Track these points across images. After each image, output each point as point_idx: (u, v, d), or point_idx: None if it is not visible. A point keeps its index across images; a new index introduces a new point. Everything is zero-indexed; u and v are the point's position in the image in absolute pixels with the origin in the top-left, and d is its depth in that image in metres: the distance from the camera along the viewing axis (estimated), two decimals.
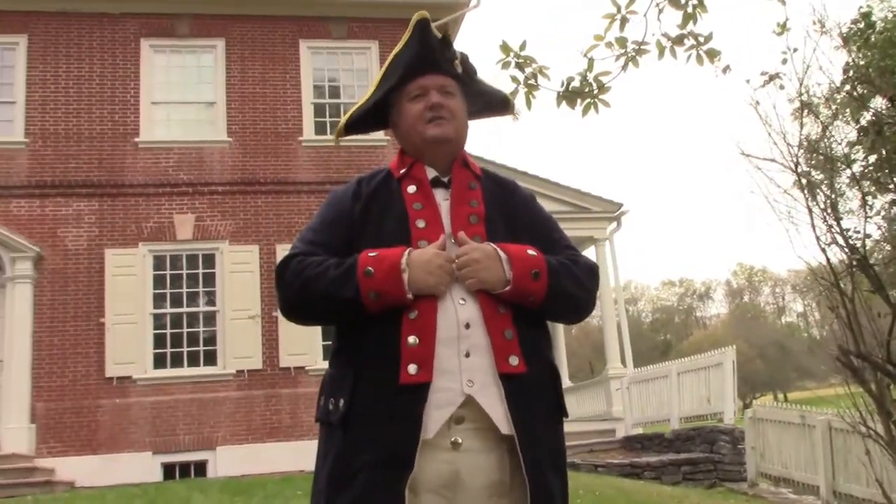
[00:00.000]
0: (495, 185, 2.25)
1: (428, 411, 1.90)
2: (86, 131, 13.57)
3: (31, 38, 13.77)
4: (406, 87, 2.22)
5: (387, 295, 1.95)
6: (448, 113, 2.18)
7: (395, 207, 2.12)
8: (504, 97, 2.44)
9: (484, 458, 1.95)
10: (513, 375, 1.95)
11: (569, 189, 17.46)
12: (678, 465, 12.13)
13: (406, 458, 1.87)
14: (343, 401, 1.97)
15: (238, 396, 13.07)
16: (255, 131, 14.10)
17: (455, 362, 1.94)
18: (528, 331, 2.03)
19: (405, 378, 1.91)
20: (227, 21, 14.42)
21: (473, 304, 1.99)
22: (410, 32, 2.23)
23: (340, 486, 1.93)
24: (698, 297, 72.61)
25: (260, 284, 13.48)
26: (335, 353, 2.12)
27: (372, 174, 2.27)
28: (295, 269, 2.05)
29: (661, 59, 4.61)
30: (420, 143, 2.19)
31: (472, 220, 2.10)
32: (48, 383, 12.61)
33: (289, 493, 8.44)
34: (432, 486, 1.92)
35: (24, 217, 13.10)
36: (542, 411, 2.01)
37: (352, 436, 1.94)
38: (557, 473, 2.01)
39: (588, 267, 2.17)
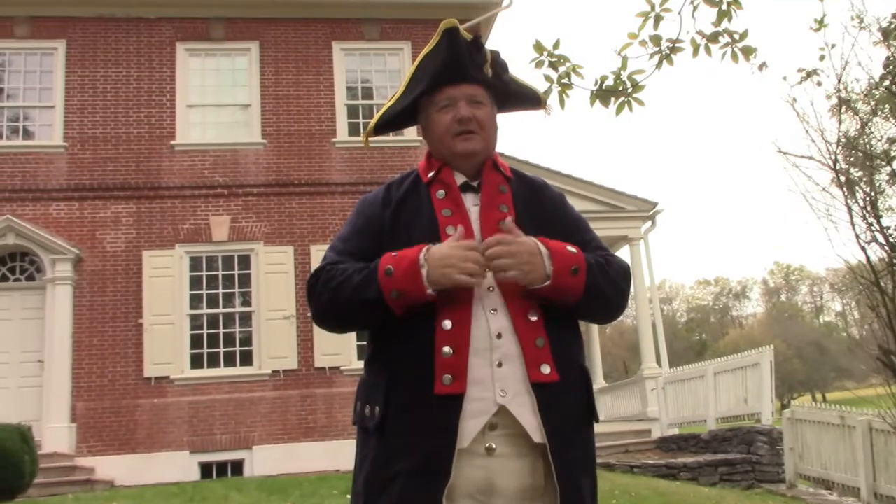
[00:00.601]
0: (525, 186, 2.24)
1: (463, 421, 1.91)
2: (123, 135, 13.76)
3: (70, 43, 13.99)
4: (434, 97, 2.21)
5: (408, 293, 1.95)
6: (476, 125, 2.17)
7: (425, 214, 2.12)
8: (535, 93, 2.42)
9: (517, 463, 1.96)
10: (545, 384, 1.96)
11: (603, 188, 17.36)
12: (715, 466, 12.01)
13: (443, 466, 1.89)
14: (378, 408, 1.99)
15: (274, 396, 13.17)
16: (289, 133, 14.20)
17: (487, 372, 1.95)
18: (559, 337, 2.03)
19: (440, 389, 1.92)
20: (261, 24, 14.55)
21: (504, 313, 2.00)
22: (438, 39, 2.21)
23: (377, 492, 1.96)
24: (734, 297, 71.91)
25: (295, 285, 13.57)
26: (370, 359, 2.13)
27: (401, 178, 2.28)
28: (324, 280, 2.07)
29: (695, 56, 4.57)
30: (448, 154, 2.19)
31: (503, 226, 2.08)
32: (88, 383, 12.80)
33: (324, 492, 8.49)
34: (468, 492, 1.94)
35: (64, 220, 13.31)
36: (573, 417, 2.01)
37: (387, 443, 1.96)
38: (587, 477, 2.03)
39: (621, 267, 2.17)
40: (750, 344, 38.53)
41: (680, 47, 4.47)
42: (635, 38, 4.40)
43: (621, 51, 4.37)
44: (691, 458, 12.57)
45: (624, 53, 4.38)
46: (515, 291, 2.01)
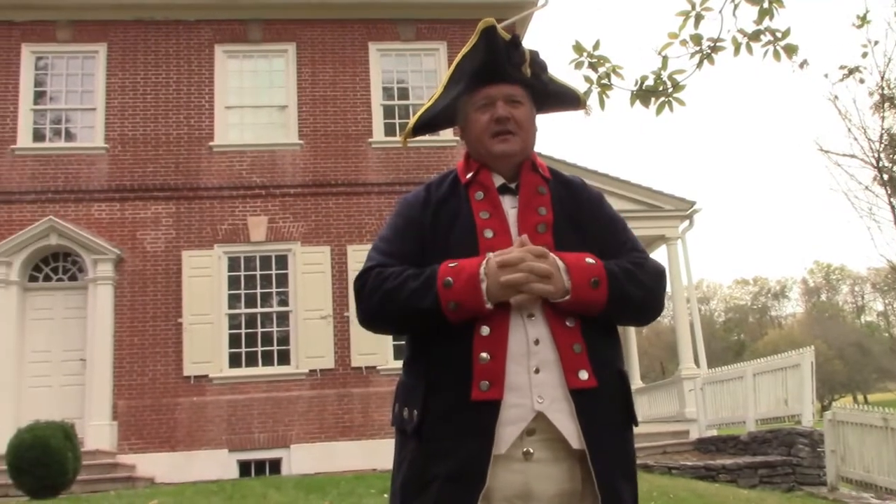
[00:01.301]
0: (563, 186, 2.23)
1: (500, 427, 1.92)
2: (163, 136, 13.94)
3: (111, 46, 14.20)
4: (472, 97, 2.21)
5: (466, 305, 1.95)
6: (514, 125, 2.16)
7: (463, 215, 2.12)
8: (575, 93, 2.41)
9: (555, 468, 1.96)
10: (583, 390, 1.96)
11: (640, 187, 17.25)
12: (755, 467, 11.88)
13: (479, 472, 1.89)
14: (416, 411, 2.00)
15: (311, 395, 13.26)
16: (326, 134, 14.28)
17: (525, 378, 1.95)
18: (597, 342, 2.03)
19: (477, 395, 1.92)
20: (298, 25, 14.65)
21: (541, 319, 1.99)
22: (476, 39, 2.21)
23: (414, 495, 1.97)
24: (773, 296, 71.03)
25: (331, 285, 13.65)
26: (408, 361, 2.14)
27: (440, 179, 2.27)
28: (374, 283, 2.07)
29: (736, 55, 4.52)
30: (486, 155, 2.19)
31: (540, 230, 2.08)
32: (129, 382, 12.98)
33: (362, 491, 8.52)
34: (504, 496, 1.94)
35: (105, 220, 13.51)
36: (612, 422, 2.01)
37: (425, 447, 1.97)
38: (628, 481, 2.02)
39: (654, 270, 2.14)
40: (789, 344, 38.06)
41: (721, 46, 4.43)
42: (676, 37, 4.36)
43: (662, 50, 4.34)
44: (730, 459, 12.45)
45: (664, 53, 4.35)
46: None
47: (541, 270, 1.95)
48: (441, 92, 2.30)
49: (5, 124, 13.70)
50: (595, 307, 2.01)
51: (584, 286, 1.99)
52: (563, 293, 1.98)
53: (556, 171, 2.29)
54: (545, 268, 1.95)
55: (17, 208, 13.35)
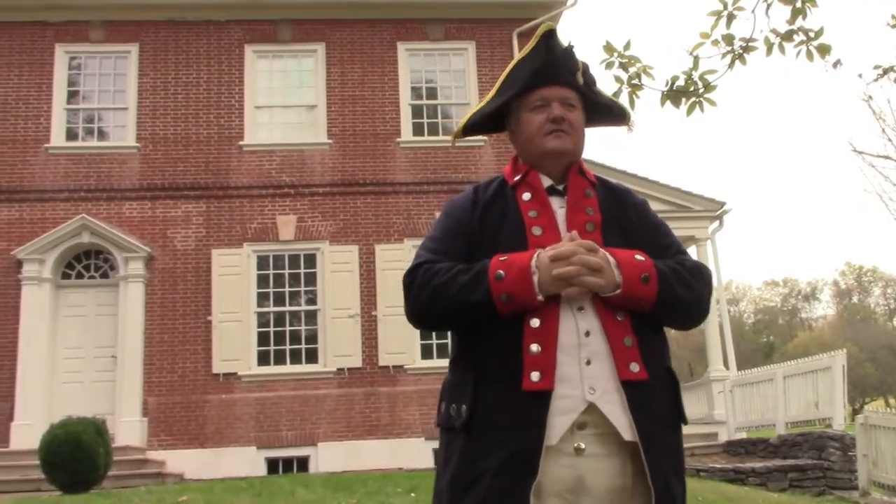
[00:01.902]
0: (609, 192, 2.26)
1: (551, 418, 1.92)
2: (193, 135, 14.06)
3: (142, 46, 14.35)
4: (528, 97, 2.24)
5: (518, 297, 1.97)
6: (568, 126, 2.19)
7: (511, 215, 2.15)
8: (622, 108, 2.44)
9: (607, 462, 1.96)
10: (634, 382, 1.97)
11: (669, 188, 17.14)
12: (785, 471, 11.75)
13: (531, 463, 1.89)
14: (465, 406, 2.00)
15: (338, 394, 13.31)
16: (355, 133, 14.34)
17: (576, 370, 1.96)
18: (647, 338, 2.04)
19: (528, 385, 1.93)
20: (327, 26, 14.71)
21: (592, 311, 2.00)
22: (537, 42, 2.25)
23: (463, 490, 1.96)
24: (803, 298, 70.24)
25: (359, 284, 13.71)
26: (455, 359, 2.15)
27: (487, 182, 2.30)
28: (423, 278, 2.09)
29: (769, 55, 4.48)
30: (538, 154, 2.21)
31: (589, 228, 2.10)
32: (159, 379, 13.11)
33: (389, 490, 8.54)
34: (556, 491, 1.94)
35: (136, 219, 13.66)
36: (663, 417, 2.01)
37: (474, 441, 1.97)
38: (678, 479, 2.02)
39: (699, 272, 2.15)
40: (820, 347, 37.65)
41: (753, 46, 4.39)
42: (707, 37, 4.33)
43: (693, 50, 4.31)
44: (760, 462, 12.33)
45: (696, 53, 4.32)
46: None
47: (592, 264, 1.96)
48: (494, 93, 2.33)
49: (39, 123, 13.89)
50: (645, 303, 2.02)
51: (634, 281, 2.00)
52: (615, 287, 1.99)
53: (602, 177, 2.32)
54: (597, 261, 1.97)
55: (51, 206, 13.53)
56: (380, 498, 8.04)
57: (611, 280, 1.98)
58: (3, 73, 14.03)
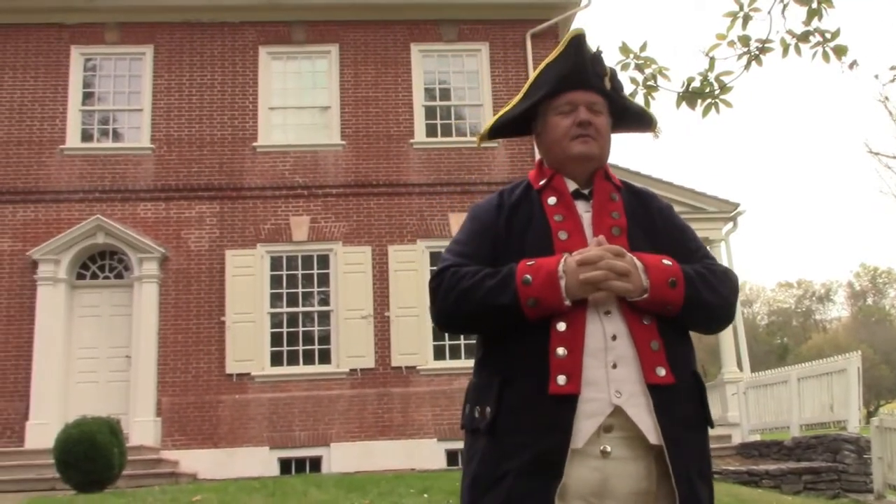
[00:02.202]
0: (634, 197, 2.26)
1: (577, 421, 1.92)
2: (207, 137, 14.12)
3: (157, 48, 14.42)
4: (555, 101, 2.24)
5: (545, 301, 1.97)
6: (594, 131, 2.20)
7: (537, 219, 2.15)
8: (649, 115, 2.45)
9: (632, 465, 1.96)
10: (661, 386, 1.97)
11: (683, 189, 17.08)
12: (799, 473, 11.69)
13: (556, 466, 1.90)
14: (489, 409, 2.01)
15: (351, 394, 13.33)
16: (368, 134, 14.36)
17: (602, 373, 1.96)
18: (673, 342, 2.04)
19: (554, 388, 1.93)
20: (341, 27, 14.75)
21: (618, 315, 2.01)
22: (565, 47, 2.25)
23: (484, 489, 1.97)
24: (817, 300, 69.82)
25: (372, 285, 13.72)
26: (480, 362, 2.16)
27: (512, 187, 2.31)
28: (450, 281, 2.09)
29: (785, 56, 4.46)
30: (563, 158, 2.22)
31: (615, 232, 2.11)
32: (172, 379, 13.16)
33: (402, 491, 8.55)
34: (581, 493, 1.94)
35: (151, 219, 13.72)
36: (689, 421, 2.01)
37: (498, 442, 1.97)
38: (705, 482, 2.02)
39: (726, 277, 2.16)
40: (834, 349, 37.43)
41: (769, 47, 4.38)
42: (724, 38, 4.33)
43: (709, 51, 4.30)
44: (774, 465, 12.27)
45: (712, 54, 4.31)
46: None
47: (620, 268, 1.97)
48: (521, 96, 2.33)
49: (55, 125, 13.97)
50: (672, 308, 2.03)
51: (662, 285, 2.01)
52: (642, 291, 1.99)
53: (627, 182, 2.33)
54: (624, 266, 1.97)
55: (66, 207, 13.60)
56: (393, 499, 8.05)
57: (638, 285, 1.99)
58: (19, 75, 14.12)
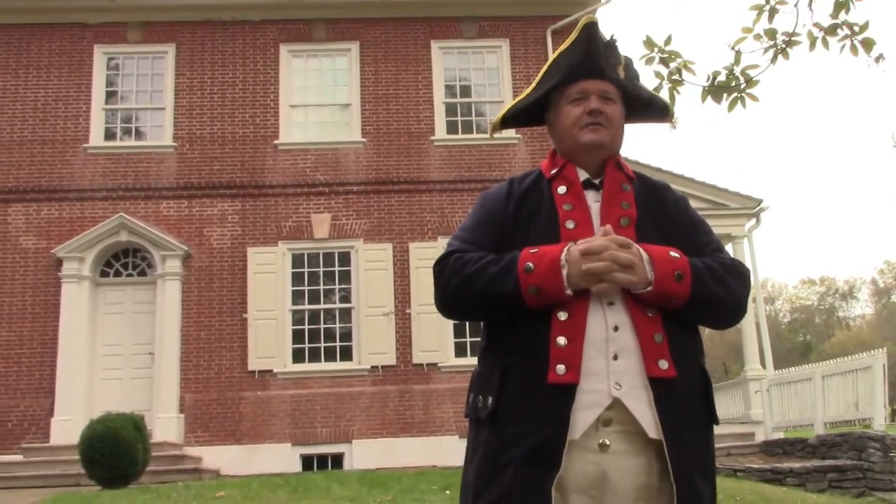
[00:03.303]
0: (647, 187, 2.23)
1: (575, 412, 1.91)
2: (229, 135, 14.18)
3: (179, 46, 14.50)
4: (567, 89, 2.22)
5: (546, 290, 1.96)
6: (605, 119, 2.18)
7: (546, 208, 2.13)
8: (664, 104, 2.42)
9: (632, 460, 1.94)
10: (662, 379, 1.94)
11: (705, 185, 16.98)
12: (824, 472, 11.60)
13: (553, 457, 1.89)
14: (491, 398, 2.01)
15: (373, 391, 13.36)
16: (389, 132, 14.37)
17: (602, 364, 1.94)
18: (678, 335, 2.01)
19: (553, 378, 1.92)
20: (361, 24, 14.77)
21: (622, 307, 1.99)
22: (577, 35, 2.24)
23: (488, 481, 1.97)
24: (841, 297, 69.28)
25: (393, 282, 13.74)
26: (483, 351, 2.16)
27: (524, 175, 2.29)
28: (453, 266, 2.09)
29: (812, 50, 4.42)
30: (574, 146, 2.20)
31: (623, 223, 2.08)
32: (195, 375, 13.24)
33: (424, 487, 8.56)
34: (580, 486, 1.93)
35: (174, 217, 13.80)
36: (691, 416, 1.98)
37: (500, 432, 1.97)
38: (706, 479, 1.99)
39: (737, 271, 2.12)
40: (858, 346, 37.10)
41: (796, 41, 4.34)
42: (750, 31, 4.29)
43: (735, 45, 4.27)
44: (798, 463, 12.18)
45: (738, 48, 4.28)
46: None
47: (624, 260, 1.95)
48: (535, 85, 2.32)
49: (78, 123, 14.09)
50: (677, 301, 2.00)
51: (667, 278, 1.98)
52: (646, 284, 1.97)
53: (641, 173, 2.30)
54: (628, 258, 1.95)
55: (90, 205, 13.71)
56: (415, 495, 8.06)
57: (643, 277, 1.96)
58: (43, 75, 14.24)
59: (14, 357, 13.11)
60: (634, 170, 2.28)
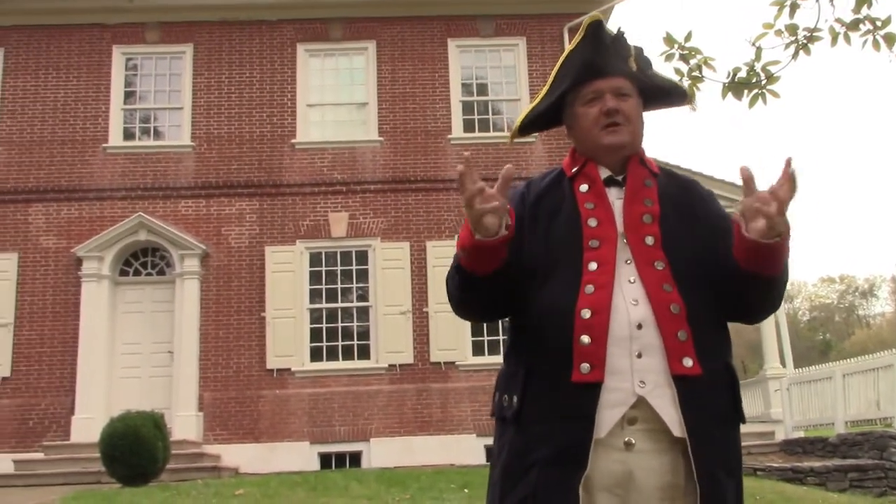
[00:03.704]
0: (673, 182, 2.20)
1: (600, 410, 1.90)
2: (247, 134, 14.23)
3: (197, 46, 14.56)
4: (580, 91, 2.19)
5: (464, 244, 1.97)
6: (623, 118, 2.14)
7: (567, 206, 2.12)
8: (681, 88, 2.38)
9: (657, 459, 1.93)
10: (686, 377, 1.92)
11: (724, 182, 16.85)
12: (844, 471, 11.51)
13: (580, 456, 1.88)
14: (516, 397, 2.00)
15: (390, 390, 13.37)
16: (406, 130, 14.38)
17: (626, 362, 1.93)
18: (703, 332, 1.98)
19: (577, 377, 1.91)
20: (378, 23, 14.78)
21: (646, 304, 1.97)
22: (583, 34, 2.20)
23: (514, 480, 1.97)
24: (861, 295, 68.71)
25: (411, 281, 13.75)
26: (508, 350, 2.15)
27: (543, 174, 2.28)
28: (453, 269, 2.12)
29: (833, 45, 4.38)
30: (594, 148, 2.17)
31: (646, 220, 2.06)
32: (214, 374, 13.30)
33: (442, 486, 8.57)
34: (605, 485, 1.92)
35: (192, 216, 13.87)
36: (717, 414, 1.96)
37: (525, 432, 1.97)
38: (731, 478, 1.97)
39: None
40: (879, 345, 36.81)
41: (818, 36, 4.30)
42: (771, 27, 4.25)
43: (756, 41, 4.23)
44: (818, 462, 12.09)
45: (759, 44, 4.24)
46: (658, 282, 1.99)
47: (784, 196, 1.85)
48: (547, 89, 2.29)
49: (97, 124, 14.18)
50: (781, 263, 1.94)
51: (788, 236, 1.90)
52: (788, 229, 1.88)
53: (667, 168, 2.27)
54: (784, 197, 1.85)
55: (109, 205, 13.80)
56: (433, 493, 8.07)
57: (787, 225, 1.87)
58: (62, 75, 14.34)
59: (35, 356, 13.21)
60: (660, 165, 2.26)
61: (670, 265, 2.02)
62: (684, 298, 1.98)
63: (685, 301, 1.98)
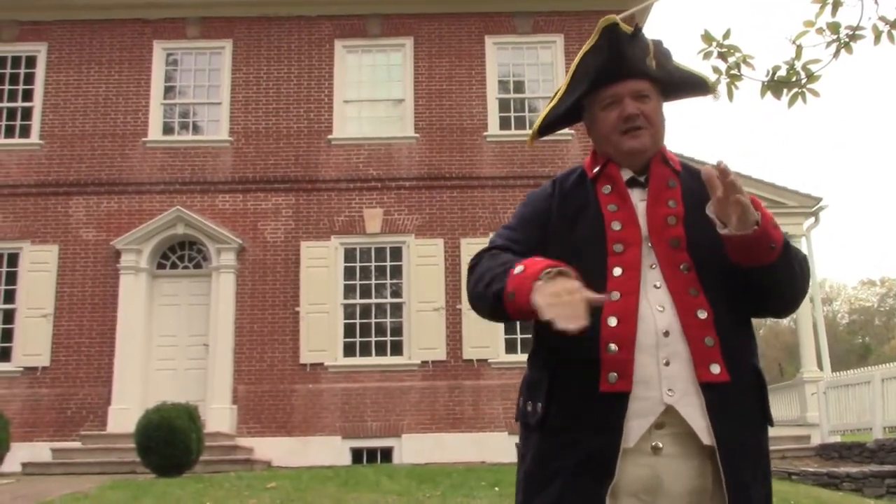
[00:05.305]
0: (695, 180, 2.12)
1: (628, 420, 1.88)
2: (284, 129, 14.32)
3: (236, 42, 14.69)
4: (598, 95, 2.15)
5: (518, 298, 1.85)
6: (644, 121, 2.09)
7: (590, 209, 2.09)
8: (703, 79, 2.31)
9: (685, 463, 1.90)
10: (715, 384, 1.90)
11: (762, 183, 16.67)
12: (882, 477, 11.31)
13: (607, 466, 1.86)
14: (541, 404, 1.98)
15: (423, 386, 13.39)
16: (441, 127, 14.38)
17: (654, 371, 1.90)
18: (730, 336, 1.95)
19: (605, 387, 1.89)
20: (416, 20, 14.79)
21: (672, 311, 1.94)
22: (598, 36, 2.15)
23: (538, 487, 1.95)
24: None
25: (445, 277, 13.75)
26: (532, 354, 2.13)
27: (567, 174, 2.24)
28: (483, 262, 2.07)
29: (877, 44, 4.29)
30: (615, 152, 2.13)
31: (670, 222, 2.03)
32: (248, 367, 13.41)
33: (473, 483, 8.55)
34: (632, 490, 1.90)
35: (229, 211, 13.99)
36: (745, 420, 1.94)
37: (549, 439, 1.95)
38: (760, 483, 1.95)
39: (801, 255, 2.07)
40: None
41: (860, 35, 4.22)
42: (812, 25, 4.18)
43: (796, 39, 4.16)
44: (855, 467, 11.91)
45: (799, 42, 4.18)
46: (684, 287, 1.95)
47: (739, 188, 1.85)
48: (564, 91, 2.25)
49: (137, 118, 14.35)
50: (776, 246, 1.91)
51: (769, 223, 1.90)
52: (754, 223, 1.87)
53: (688, 164, 2.23)
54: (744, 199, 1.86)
55: (147, 198, 13.97)
56: (464, 491, 8.06)
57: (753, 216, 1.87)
58: (104, 70, 14.54)
59: (74, 346, 13.42)
60: (682, 161, 2.22)
61: (695, 267, 1.99)
62: (711, 302, 1.95)
63: (712, 305, 1.95)
